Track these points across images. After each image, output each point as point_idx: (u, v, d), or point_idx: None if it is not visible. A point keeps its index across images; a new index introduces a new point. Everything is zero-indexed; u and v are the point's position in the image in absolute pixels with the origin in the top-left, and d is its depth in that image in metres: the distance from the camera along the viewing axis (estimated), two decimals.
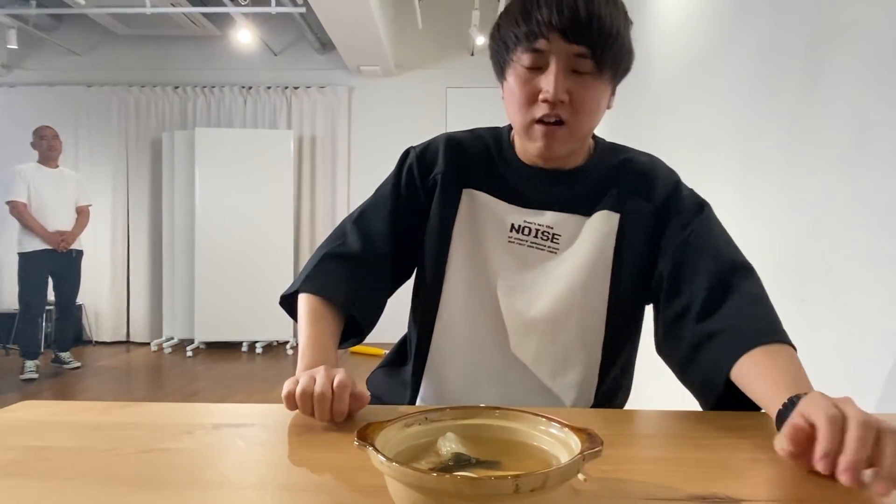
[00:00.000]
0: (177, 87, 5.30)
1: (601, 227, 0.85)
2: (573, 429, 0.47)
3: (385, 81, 5.29)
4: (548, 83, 0.77)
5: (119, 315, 5.31)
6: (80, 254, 4.23)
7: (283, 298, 0.90)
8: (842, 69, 1.19)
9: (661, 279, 0.83)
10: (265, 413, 0.72)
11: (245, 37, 4.76)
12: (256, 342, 4.94)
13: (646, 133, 2.61)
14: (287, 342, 5.03)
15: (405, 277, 0.96)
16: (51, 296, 4.18)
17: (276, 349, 5.01)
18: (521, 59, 0.79)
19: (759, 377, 0.67)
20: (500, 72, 0.86)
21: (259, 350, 4.88)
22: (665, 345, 0.83)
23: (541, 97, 0.79)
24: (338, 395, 0.66)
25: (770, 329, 0.72)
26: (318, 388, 0.66)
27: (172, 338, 5.06)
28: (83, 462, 0.56)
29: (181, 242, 5.02)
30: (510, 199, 0.88)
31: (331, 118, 5.29)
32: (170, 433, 0.64)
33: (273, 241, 4.93)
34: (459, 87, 5.20)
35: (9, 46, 4.62)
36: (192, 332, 4.91)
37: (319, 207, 5.30)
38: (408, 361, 0.96)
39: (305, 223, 5.28)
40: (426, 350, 0.92)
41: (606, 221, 0.86)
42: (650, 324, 0.90)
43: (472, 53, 5.16)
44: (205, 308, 4.84)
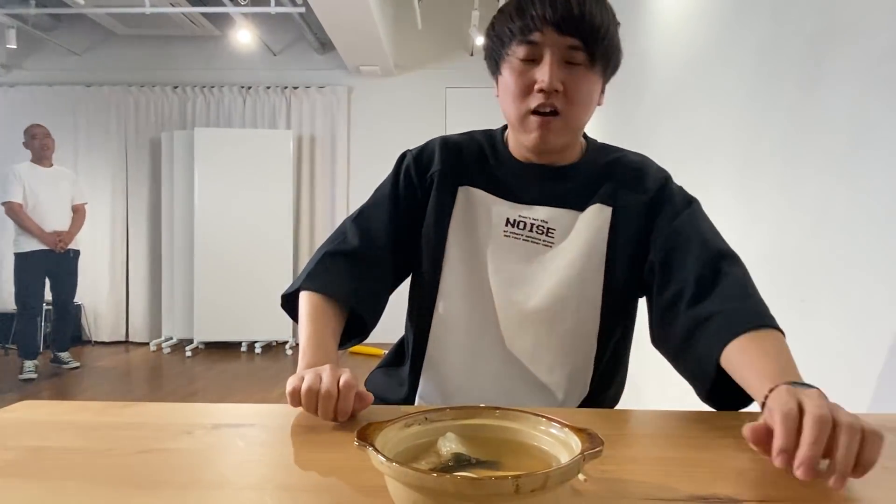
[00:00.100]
0: (176, 87, 5.30)
1: (594, 221, 0.88)
2: (573, 429, 0.47)
3: (384, 81, 5.29)
4: (543, 73, 0.80)
5: (118, 315, 5.31)
6: (77, 253, 4.22)
7: (284, 299, 0.90)
8: (841, 69, 1.19)
9: (653, 269, 0.86)
10: (265, 413, 0.72)
11: (244, 37, 4.76)
12: (256, 342, 4.93)
13: (645, 133, 2.61)
14: (286, 342, 5.03)
15: (405, 274, 0.97)
16: (49, 296, 4.17)
17: (276, 349, 5.01)
18: (517, 52, 0.82)
19: (746, 365, 0.68)
20: (496, 67, 0.88)
21: (258, 350, 4.88)
22: (659, 333, 0.85)
23: (536, 87, 0.81)
24: (343, 395, 0.66)
25: (757, 314, 0.74)
26: (325, 387, 0.66)
27: (171, 338, 5.06)
28: (82, 462, 0.56)
29: (180, 242, 5.02)
30: (505, 195, 0.91)
31: (330, 118, 5.29)
32: (169, 433, 0.64)
33: (272, 241, 4.92)
34: (459, 87, 5.20)
35: (8, 46, 4.61)
36: (192, 332, 4.90)
37: (319, 207, 5.30)
38: (405, 361, 0.97)
39: (305, 223, 5.27)
40: (424, 346, 0.93)
41: (599, 215, 0.88)
42: (648, 324, 0.90)
43: (472, 53, 5.15)
44: (204, 308, 4.84)
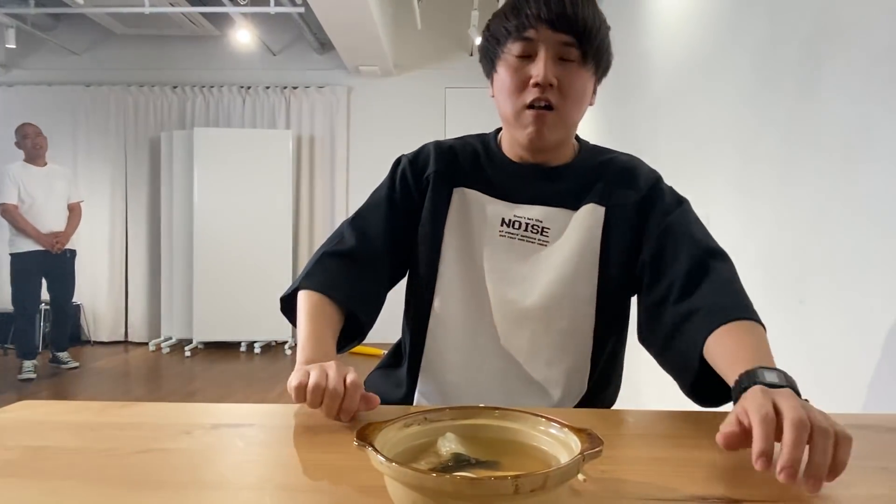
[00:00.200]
0: (175, 87, 5.30)
1: (588, 219, 0.89)
2: (573, 429, 0.47)
3: (384, 81, 5.29)
4: (538, 68, 0.83)
5: (117, 315, 5.30)
6: (74, 253, 4.20)
7: (283, 303, 0.90)
8: (839, 71, 1.19)
9: (644, 266, 0.87)
10: (264, 413, 0.72)
11: (244, 37, 4.75)
12: (255, 342, 4.93)
13: (645, 134, 2.61)
14: (286, 342, 5.02)
15: (402, 275, 0.98)
16: (46, 296, 4.16)
17: (275, 349, 5.01)
18: (512, 49, 0.85)
19: (722, 354, 0.69)
20: (491, 66, 0.90)
21: (258, 350, 4.88)
22: (646, 330, 0.86)
23: (531, 82, 0.83)
24: (349, 394, 0.65)
25: (738, 307, 0.75)
26: (332, 384, 0.65)
27: (171, 338, 5.06)
28: (81, 462, 0.56)
29: (180, 242, 5.01)
30: (500, 196, 0.92)
31: (329, 118, 5.28)
32: (168, 433, 0.64)
33: (272, 241, 4.92)
34: (458, 88, 5.20)
35: (7, 46, 4.61)
36: (191, 332, 4.90)
37: (318, 207, 5.30)
38: (403, 361, 0.98)
39: (304, 223, 5.27)
40: (422, 346, 0.94)
41: (593, 214, 0.89)
42: (636, 321, 0.91)
43: (472, 54, 5.15)
44: (203, 308, 4.83)
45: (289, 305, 0.90)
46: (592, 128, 3.59)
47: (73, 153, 5.22)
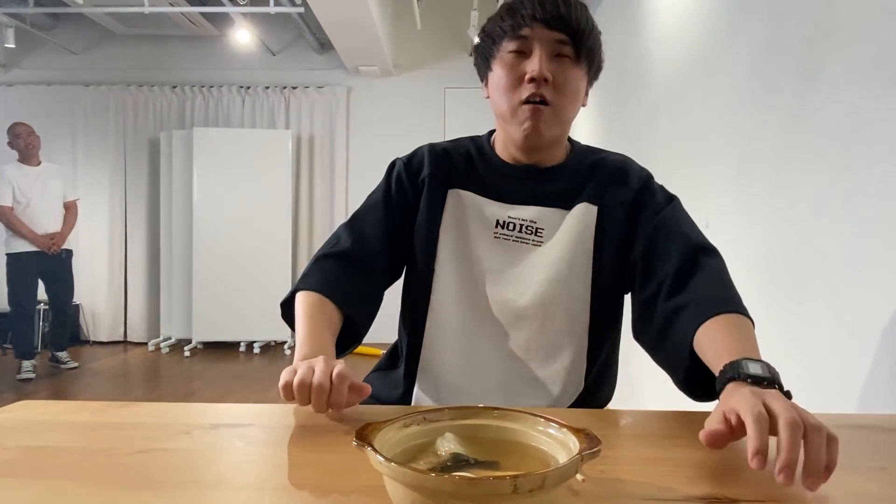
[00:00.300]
0: (175, 87, 5.29)
1: (581, 219, 0.90)
2: (572, 429, 0.47)
3: (383, 81, 5.29)
4: (533, 64, 0.85)
5: (116, 315, 5.30)
6: (70, 253, 4.16)
7: (283, 308, 0.90)
8: (838, 71, 1.20)
9: (636, 264, 0.89)
10: (263, 413, 0.72)
11: (243, 36, 4.75)
12: (254, 342, 4.93)
13: (644, 135, 2.61)
14: (285, 342, 5.02)
15: (398, 275, 0.99)
16: (45, 297, 4.14)
17: (274, 349, 5.00)
18: (507, 47, 0.87)
19: (710, 347, 0.70)
20: (486, 65, 0.92)
21: (257, 350, 4.88)
22: (640, 326, 0.87)
23: (527, 77, 0.85)
24: (336, 387, 0.65)
25: (725, 300, 0.76)
26: (317, 379, 0.65)
27: (170, 337, 5.05)
28: (80, 462, 0.56)
29: (179, 242, 5.01)
30: (494, 196, 0.93)
31: (329, 118, 5.28)
32: (167, 433, 0.64)
33: (271, 241, 4.92)
34: (458, 88, 5.20)
35: (6, 45, 4.60)
36: (190, 332, 4.89)
37: (317, 207, 5.30)
38: (400, 363, 0.98)
39: (303, 223, 5.27)
40: (419, 347, 0.94)
41: (585, 213, 0.91)
42: (630, 318, 0.91)
43: (471, 54, 5.14)
44: (202, 308, 4.83)
45: (288, 311, 0.90)
46: (592, 129, 3.59)
47: (73, 153, 5.22)
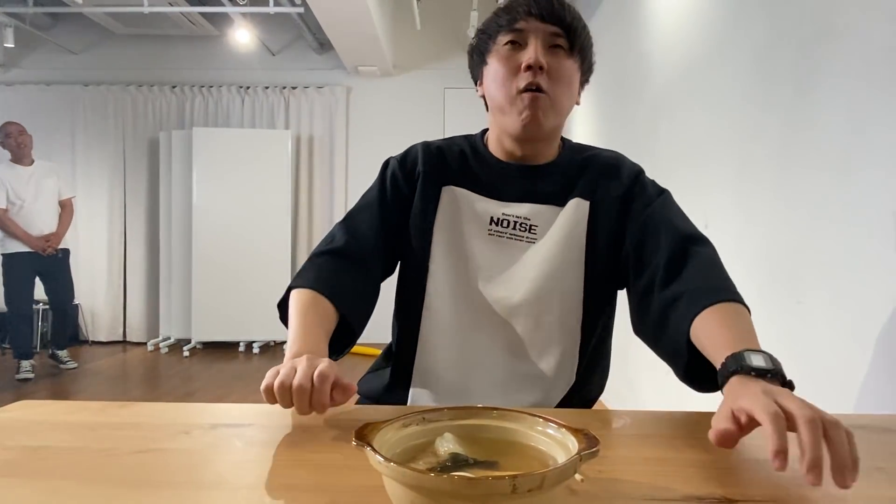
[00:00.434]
0: (174, 87, 5.29)
1: (573, 214, 0.91)
2: (570, 429, 0.47)
3: (383, 82, 5.29)
4: (529, 53, 0.87)
5: (115, 315, 5.30)
6: (67, 252, 4.12)
7: (280, 310, 0.90)
8: (836, 72, 1.20)
9: (628, 256, 0.89)
10: (262, 413, 0.72)
11: (243, 36, 4.75)
12: (253, 342, 4.93)
13: (643, 136, 2.61)
14: (284, 342, 4.92)
15: (391, 271, 1.00)
16: (45, 297, 4.13)
17: (274, 349, 5.00)
18: (503, 40, 0.89)
19: (708, 337, 0.70)
20: (482, 59, 0.93)
21: (256, 350, 4.88)
22: (639, 320, 0.87)
23: (523, 65, 0.87)
24: (318, 388, 0.63)
25: (720, 289, 0.76)
26: (297, 381, 0.63)
27: (169, 337, 5.05)
28: (80, 462, 0.56)
29: (178, 242, 5.00)
30: (488, 194, 0.94)
31: (328, 118, 5.28)
32: (167, 433, 0.64)
33: (270, 241, 4.92)
34: (457, 88, 5.20)
35: (5, 45, 4.60)
36: (189, 332, 4.90)
37: (317, 207, 5.30)
38: (395, 362, 0.98)
39: (303, 223, 5.27)
40: (414, 345, 0.95)
41: (578, 208, 0.92)
42: (629, 314, 0.91)
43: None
44: (202, 308, 4.83)
45: (285, 312, 0.89)
46: (591, 131, 3.59)
47: (72, 153, 5.22)
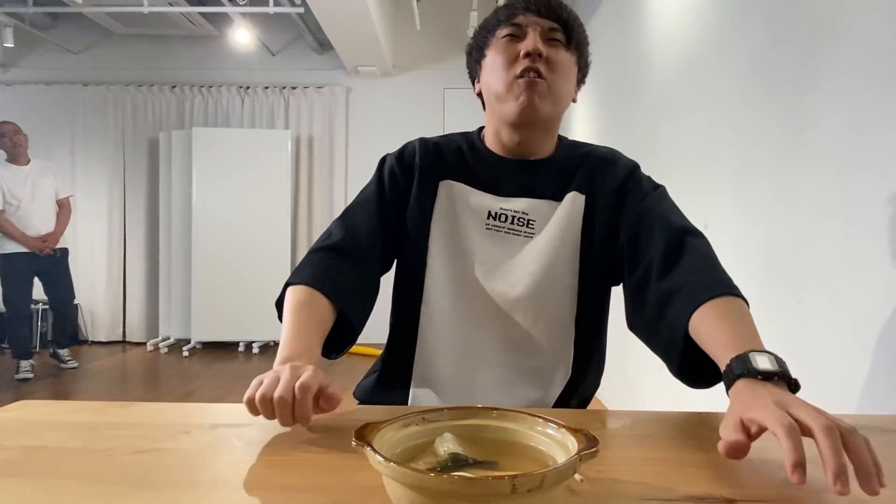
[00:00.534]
0: (174, 87, 5.29)
1: (570, 209, 0.92)
2: (570, 429, 0.47)
3: (383, 82, 5.29)
4: (527, 41, 0.88)
5: (115, 315, 5.30)
6: (66, 252, 4.10)
7: (278, 309, 0.89)
8: (835, 72, 1.20)
9: (623, 251, 0.89)
10: None
11: (243, 36, 4.75)
12: (253, 342, 4.93)
13: (642, 136, 2.61)
14: None
15: (389, 266, 0.99)
16: (44, 296, 4.12)
17: (273, 349, 4.98)
18: (501, 34, 0.91)
19: (709, 335, 0.69)
20: (480, 54, 0.94)
21: (256, 350, 4.88)
22: (633, 315, 0.87)
23: (522, 53, 0.88)
24: (299, 400, 0.61)
25: (718, 283, 0.75)
26: (278, 393, 0.61)
27: (169, 337, 5.05)
28: (79, 462, 0.56)
29: (178, 242, 5.01)
30: (485, 188, 0.94)
31: (328, 118, 5.28)
32: (166, 433, 0.64)
33: (270, 241, 4.92)
34: (457, 88, 5.20)
35: (5, 45, 4.59)
36: (189, 332, 4.90)
37: (316, 207, 5.30)
38: (394, 359, 0.98)
39: (302, 223, 5.27)
40: (413, 342, 0.95)
41: (574, 203, 0.92)
42: (623, 309, 0.91)
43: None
44: (201, 308, 4.83)
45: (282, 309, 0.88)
46: (591, 130, 3.59)
47: (71, 153, 5.22)
